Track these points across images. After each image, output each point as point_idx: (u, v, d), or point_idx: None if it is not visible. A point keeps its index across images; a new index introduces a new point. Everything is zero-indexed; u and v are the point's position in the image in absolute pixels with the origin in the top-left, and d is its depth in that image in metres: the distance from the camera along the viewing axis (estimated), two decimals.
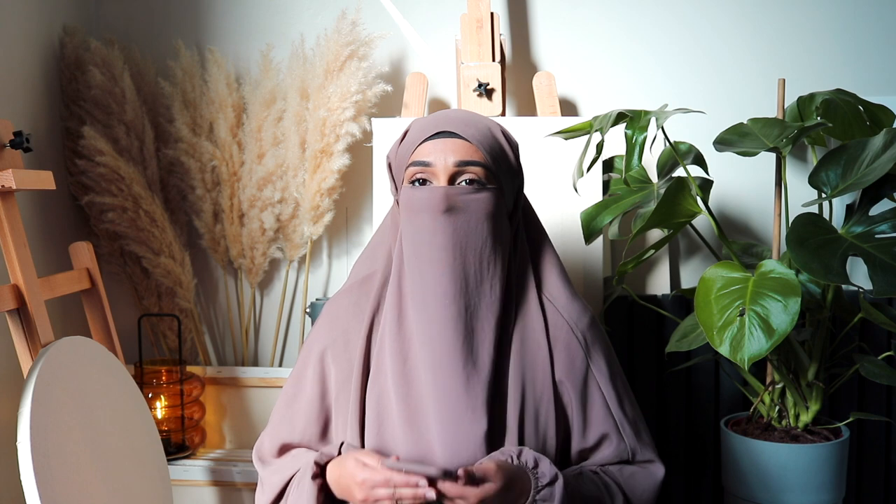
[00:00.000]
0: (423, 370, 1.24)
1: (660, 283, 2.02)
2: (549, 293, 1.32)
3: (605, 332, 1.36)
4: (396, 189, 1.32)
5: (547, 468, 1.20)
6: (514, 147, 1.31)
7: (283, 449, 1.36)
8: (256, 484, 1.39)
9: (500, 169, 1.26)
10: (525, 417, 1.24)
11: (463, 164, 1.24)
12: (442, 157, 1.24)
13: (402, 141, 1.30)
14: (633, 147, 1.52)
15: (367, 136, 1.97)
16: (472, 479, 1.13)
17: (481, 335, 1.24)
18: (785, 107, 1.73)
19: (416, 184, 1.26)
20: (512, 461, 1.19)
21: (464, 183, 1.24)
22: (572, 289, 1.34)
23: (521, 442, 1.24)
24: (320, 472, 1.25)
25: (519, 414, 1.24)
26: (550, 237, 1.38)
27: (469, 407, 1.21)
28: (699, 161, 1.78)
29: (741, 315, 1.43)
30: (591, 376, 1.29)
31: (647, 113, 1.52)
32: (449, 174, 1.24)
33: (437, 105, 2.10)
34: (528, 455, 1.21)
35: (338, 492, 1.24)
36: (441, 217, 1.23)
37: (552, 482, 1.19)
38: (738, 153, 1.58)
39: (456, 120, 1.27)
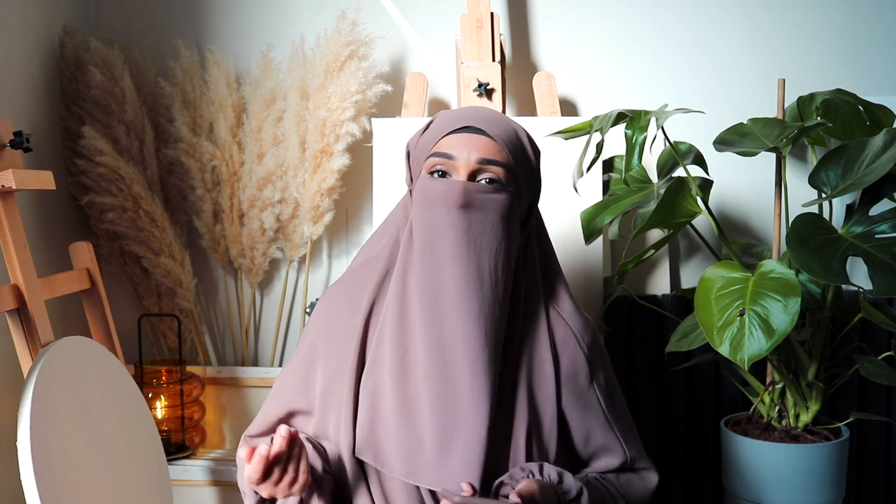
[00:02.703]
0: (425, 365, 1.21)
1: (660, 283, 2.02)
2: (557, 305, 1.31)
3: (604, 347, 1.36)
4: (412, 179, 1.29)
5: (571, 483, 1.19)
6: (537, 154, 1.29)
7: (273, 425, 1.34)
8: None
9: (520, 173, 1.24)
10: (530, 430, 1.23)
11: (485, 162, 1.21)
12: (465, 151, 1.21)
13: (425, 131, 1.28)
14: (633, 147, 1.52)
15: (367, 136, 1.97)
16: (525, 500, 1.11)
17: (491, 337, 1.21)
18: (785, 107, 1.73)
19: (435, 175, 1.23)
20: (533, 476, 1.18)
21: (484, 181, 1.22)
22: (577, 303, 1.34)
23: (528, 451, 1.22)
24: None
25: (526, 426, 1.22)
26: (550, 237, 1.37)
27: (472, 409, 1.19)
28: (699, 161, 1.78)
29: (741, 315, 1.43)
30: (593, 391, 1.29)
31: (647, 113, 1.52)
32: (470, 170, 1.21)
33: (437, 105, 2.10)
34: (551, 470, 1.20)
35: None
36: (457, 212, 1.20)
37: (578, 496, 1.18)
38: (738, 153, 1.58)
39: (484, 117, 1.24)
